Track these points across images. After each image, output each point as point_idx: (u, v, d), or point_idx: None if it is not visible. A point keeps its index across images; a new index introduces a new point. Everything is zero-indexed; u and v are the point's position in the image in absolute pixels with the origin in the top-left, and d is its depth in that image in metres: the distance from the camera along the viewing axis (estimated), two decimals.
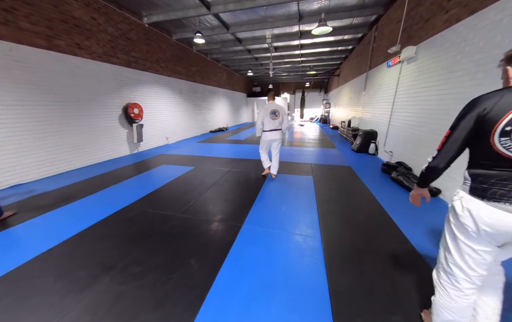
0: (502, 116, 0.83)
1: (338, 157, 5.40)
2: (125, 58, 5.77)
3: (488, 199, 0.89)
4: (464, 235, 0.97)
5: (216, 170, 4.38)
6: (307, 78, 16.50)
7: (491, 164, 0.90)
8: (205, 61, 10.28)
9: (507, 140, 0.84)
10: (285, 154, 5.77)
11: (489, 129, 0.86)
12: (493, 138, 0.86)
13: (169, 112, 7.79)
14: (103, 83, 5.20)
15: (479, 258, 0.95)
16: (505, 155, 0.86)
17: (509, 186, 0.86)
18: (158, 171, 4.43)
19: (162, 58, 7.25)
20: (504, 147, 0.85)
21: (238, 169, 4.47)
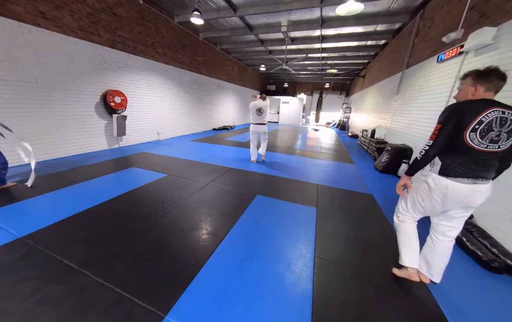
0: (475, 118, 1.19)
1: (356, 178, 4.10)
2: (109, 37, 4.95)
3: (453, 176, 1.31)
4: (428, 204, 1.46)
5: (190, 183, 3.35)
6: (327, 78, 14.94)
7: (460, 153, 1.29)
8: (213, 51, 9.33)
9: (473, 135, 1.20)
10: (289, 166, 4.59)
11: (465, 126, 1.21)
12: (466, 133, 1.21)
13: (164, 104, 6.94)
14: (76, 64, 4.40)
15: (426, 215, 1.55)
16: (471, 146, 1.23)
17: (466, 167, 1.28)
18: (120, 176, 3.51)
19: (160, 43, 6.38)
20: (471, 140, 1.22)
21: (220, 184, 3.40)
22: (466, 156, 1.25)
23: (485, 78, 1.22)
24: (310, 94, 17.77)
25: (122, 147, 5.60)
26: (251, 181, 3.63)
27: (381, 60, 8.13)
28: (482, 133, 1.18)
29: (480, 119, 1.16)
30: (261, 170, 4.22)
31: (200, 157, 4.87)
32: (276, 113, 16.54)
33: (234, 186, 3.36)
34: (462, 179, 1.27)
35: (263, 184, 3.51)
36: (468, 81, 1.29)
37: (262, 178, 3.78)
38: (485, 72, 1.23)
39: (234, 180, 3.60)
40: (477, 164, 1.24)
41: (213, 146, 6.33)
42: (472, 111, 1.19)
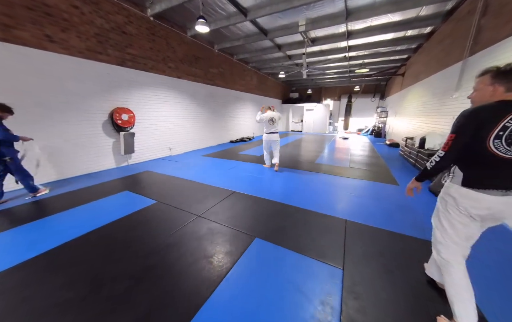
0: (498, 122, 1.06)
1: (404, 209, 2.95)
2: (118, 55, 4.88)
3: (479, 188, 1.15)
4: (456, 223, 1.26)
5: (177, 216, 2.73)
6: (356, 79, 13.40)
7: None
8: (230, 62, 9.03)
9: (498, 143, 1.07)
10: (308, 188, 3.67)
11: (487, 132, 1.08)
12: (488, 140, 1.08)
13: (176, 119, 6.72)
14: (85, 84, 4.35)
15: (465, 241, 1.25)
16: (497, 155, 1.08)
17: (492, 177, 1.13)
18: (106, 203, 3.09)
19: (171, 58, 6.24)
20: (496, 147, 1.08)
21: (213, 217, 2.70)
22: (491, 166, 1.11)
23: (506, 76, 1.07)
24: (337, 99, 16.30)
25: (131, 165, 5.41)
26: (254, 211, 2.84)
27: (427, 52, 6.65)
28: (508, 139, 1.04)
29: (504, 124, 1.04)
30: (271, 194, 3.40)
31: (204, 176, 4.30)
32: (299, 121, 15.50)
33: (228, 220, 2.61)
34: (491, 190, 1.11)
35: (268, 217, 2.69)
36: (486, 80, 1.15)
37: (269, 208, 2.96)
38: (507, 69, 1.07)
39: (232, 210, 2.86)
40: (505, 173, 1.10)
41: (224, 161, 5.75)
42: (493, 116, 1.07)
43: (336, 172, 4.71)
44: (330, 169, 4.97)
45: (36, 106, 3.71)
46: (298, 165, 5.32)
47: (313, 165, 5.34)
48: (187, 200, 3.19)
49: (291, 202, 3.10)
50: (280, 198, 3.25)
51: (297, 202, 3.12)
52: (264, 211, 2.86)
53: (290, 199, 3.23)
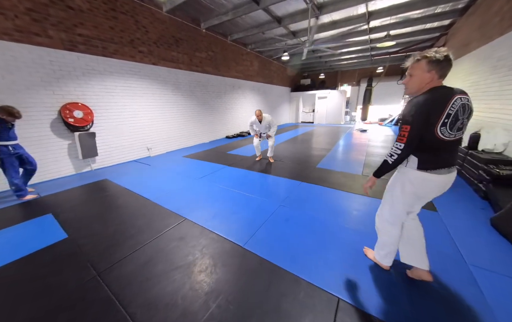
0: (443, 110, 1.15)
1: (446, 259, 1.66)
2: (64, 37, 3.94)
3: (432, 170, 1.27)
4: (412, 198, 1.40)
5: (71, 269, 1.74)
6: (379, 57, 11.19)
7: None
8: (223, 44, 7.77)
9: (444, 129, 1.17)
10: (296, 217, 2.46)
11: (435, 121, 1.16)
12: (437, 128, 1.17)
13: (155, 114, 5.76)
14: (17, 75, 3.49)
15: (411, 210, 1.47)
16: (443, 139, 1.19)
17: (441, 159, 1.27)
18: (7, 234, 2.22)
19: (142, 40, 5.19)
20: (442, 133, 1.18)
21: (114, 285, 1.66)
22: (439, 149, 1.24)
23: (440, 64, 1.15)
24: (356, 84, 14.19)
25: (95, 170, 4.60)
26: (192, 269, 1.74)
27: (483, 10, 4.77)
28: (451, 125, 1.16)
29: (447, 112, 1.14)
30: (237, 228, 2.27)
31: (164, 189, 3.28)
32: (310, 111, 13.81)
33: (140, 290, 1.55)
34: (440, 170, 1.26)
35: (213, 289, 1.58)
36: (423, 66, 1.19)
37: (222, 259, 1.83)
38: (442, 58, 1.14)
39: (160, 265, 1.79)
40: (449, 153, 1.27)
41: (205, 165, 4.68)
42: (439, 105, 1.15)
43: (341, 185, 3.39)
44: (333, 179, 3.65)
45: None
46: (292, 170, 4.07)
47: (312, 171, 4.04)
48: (112, 235, 2.19)
49: (260, 250, 1.94)
50: (244, 238, 2.11)
51: (270, 248, 1.95)
52: (213, 266, 1.74)
53: (258, 243, 2.07)
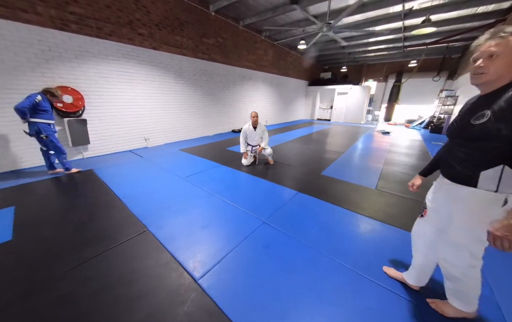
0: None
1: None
2: (54, 14, 3.69)
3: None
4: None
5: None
6: (413, 48, 9.73)
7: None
8: (234, 30, 7.18)
9: None
10: (277, 246, 1.92)
11: None
12: None
13: (154, 103, 5.46)
14: (3, 54, 3.32)
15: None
16: None
17: None
18: None
19: (142, 21, 4.83)
20: None
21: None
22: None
23: None
24: (383, 80, 12.74)
25: (87, 158, 4.44)
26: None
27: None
28: None
29: None
30: (191, 256, 1.81)
31: (142, 188, 2.93)
32: (328, 108, 12.74)
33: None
34: None
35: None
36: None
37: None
38: None
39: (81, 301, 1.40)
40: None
41: (199, 161, 4.27)
42: None
43: (346, 200, 2.73)
44: (338, 191, 2.99)
45: None
46: (292, 177, 3.47)
47: (315, 179, 3.41)
48: (61, 243, 1.86)
49: (217, 292, 1.46)
50: (204, 267, 1.63)
51: (230, 296, 1.45)
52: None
53: (219, 281, 1.58)
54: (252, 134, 3.94)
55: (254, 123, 3.86)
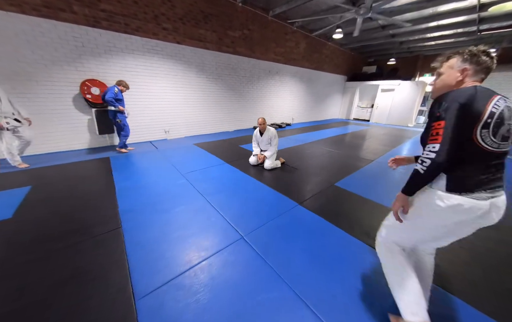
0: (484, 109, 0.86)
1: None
2: (88, 12, 4.02)
3: (470, 191, 0.91)
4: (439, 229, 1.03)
5: None
6: (490, 32, 7.63)
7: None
8: (263, 21, 6.81)
9: (485, 133, 0.87)
10: (231, 283, 1.59)
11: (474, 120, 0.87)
12: (476, 131, 0.87)
13: (176, 96, 5.60)
14: (44, 50, 3.78)
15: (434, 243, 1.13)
16: (483, 148, 0.88)
17: (484, 176, 0.91)
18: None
19: (167, 15, 4.94)
20: (483, 139, 0.87)
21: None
22: (477, 162, 0.90)
23: (474, 58, 0.95)
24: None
25: (111, 145, 4.83)
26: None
27: None
28: (494, 128, 0.86)
29: (490, 110, 0.85)
30: (142, 270, 1.63)
31: (137, 182, 2.95)
32: (368, 106, 11.18)
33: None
34: (479, 194, 0.89)
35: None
36: (453, 63, 1.01)
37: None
38: (476, 51, 0.95)
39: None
40: (490, 171, 0.90)
41: (207, 157, 4.16)
42: (476, 102, 0.86)
43: (356, 225, 2.14)
44: (349, 210, 2.40)
45: None
46: (298, 184, 2.99)
47: (324, 189, 2.85)
48: (53, 226, 1.94)
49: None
50: (148, 286, 1.43)
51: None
52: None
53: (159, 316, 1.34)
54: (260, 140, 3.67)
55: (261, 129, 3.61)
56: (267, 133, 3.56)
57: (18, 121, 3.24)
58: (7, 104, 3.14)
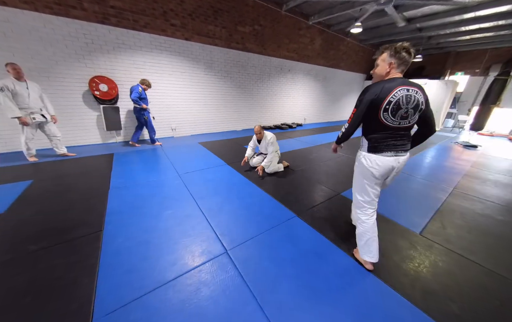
0: (384, 99, 1.27)
1: None
2: (97, 9, 4.06)
3: (379, 152, 1.38)
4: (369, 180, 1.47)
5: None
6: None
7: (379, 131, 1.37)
8: (275, 16, 6.52)
9: (386, 114, 1.29)
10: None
11: (377, 107, 1.29)
12: (380, 113, 1.30)
13: (183, 94, 5.55)
14: (56, 47, 3.88)
15: (375, 191, 1.49)
16: (386, 124, 1.32)
17: (387, 143, 1.36)
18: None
19: (175, 11, 4.87)
20: (385, 119, 1.30)
21: None
22: (385, 133, 1.35)
23: (397, 53, 1.28)
24: (481, 72, 9.31)
25: (119, 142, 4.91)
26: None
27: None
28: (392, 111, 1.28)
29: (388, 100, 1.26)
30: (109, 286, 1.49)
31: (131, 180, 2.89)
32: None
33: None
34: (386, 153, 1.37)
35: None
36: (385, 57, 1.34)
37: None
38: (398, 47, 1.28)
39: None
40: (395, 139, 1.36)
41: (208, 157, 4.03)
42: (381, 93, 1.27)
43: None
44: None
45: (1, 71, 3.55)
46: (300, 191, 2.72)
47: (328, 199, 2.55)
48: (42, 224, 1.91)
49: None
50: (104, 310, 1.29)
51: None
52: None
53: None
54: (259, 145, 3.47)
55: (258, 138, 3.36)
56: (264, 141, 3.32)
57: (44, 117, 3.41)
58: (37, 100, 3.34)
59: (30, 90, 3.24)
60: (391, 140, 1.35)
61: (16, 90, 3.08)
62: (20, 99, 3.14)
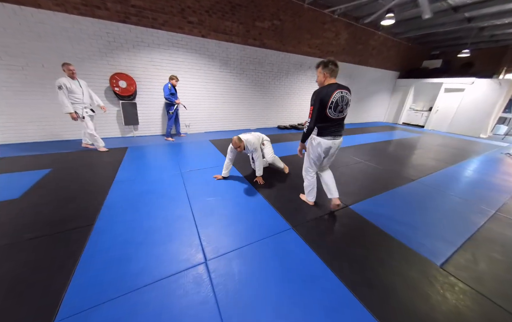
0: (329, 100, 1.83)
1: None
2: (120, 9, 4.26)
3: (323, 136, 2.01)
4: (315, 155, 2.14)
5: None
6: None
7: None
8: (297, 10, 6.19)
9: (330, 111, 1.87)
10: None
11: (325, 106, 1.86)
12: (326, 110, 1.87)
13: (198, 91, 5.59)
14: (82, 45, 4.17)
15: (318, 163, 2.21)
16: (330, 118, 1.92)
17: (329, 130, 1.99)
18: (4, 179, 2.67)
19: (193, 8, 4.89)
20: (330, 113, 1.89)
21: None
22: (328, 123, 1.95)
23: (326, 66, 1.86)
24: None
25: (136, 137, 5.15)
26: None
27: None
28: (334, 109, 1.87)
29: (331, 100, 1.82)
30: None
31: (129, 177, 2.95)
32: (424, 109, 9.18)
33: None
34: (328, 137, 2.00)
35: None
36: (320, 69, 1.91)
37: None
38: (326, 62, 1.85)
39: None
40: (335, 127, 1.99)
41: (215, 156, 3.98)
42: (326, 95, 1.83)
43: (361, 278, 1.56)
44: (356, 252, 1.79)
45: (28, 68, 3.90)
46: (296, 200, 2.47)
47: (334, 212, 2.26)
48: (47, 214, 2.05)
49: None
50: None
51: None
52: None
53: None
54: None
55: (239, 151, 2.75)
56: (249, 145, 2.77)
57: (93, 111, 3.87)
58: (88, 96, 3.76)
59: (83, 87, 3.64)
60: (332, 128, 1.98)
61: (72, 88, 3.47)
62: (76, 96, 3.53)
